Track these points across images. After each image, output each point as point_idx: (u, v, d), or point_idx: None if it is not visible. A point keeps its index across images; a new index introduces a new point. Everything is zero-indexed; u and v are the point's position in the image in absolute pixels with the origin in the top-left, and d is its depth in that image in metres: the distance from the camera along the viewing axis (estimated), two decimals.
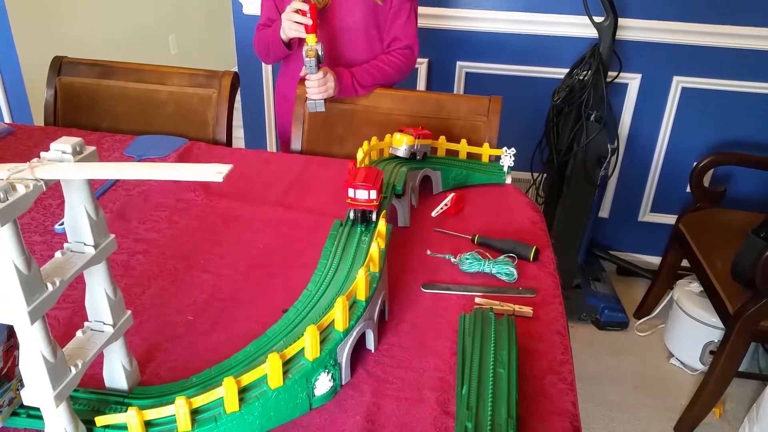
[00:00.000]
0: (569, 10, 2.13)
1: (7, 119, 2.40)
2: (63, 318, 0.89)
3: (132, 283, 0.97)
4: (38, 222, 1.12)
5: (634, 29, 2.12)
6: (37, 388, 0.61)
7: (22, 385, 0.69)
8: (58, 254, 0.65)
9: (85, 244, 0.66)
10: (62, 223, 1.10)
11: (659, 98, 2.25)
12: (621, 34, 2.10)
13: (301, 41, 1.52)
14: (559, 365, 0.84)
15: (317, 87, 1.51)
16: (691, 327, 2.01)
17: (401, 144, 1.23)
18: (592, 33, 2.05)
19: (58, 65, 1.67)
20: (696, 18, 2.09)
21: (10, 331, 0.68)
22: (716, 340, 1.94)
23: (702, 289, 1.94)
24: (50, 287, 0.59)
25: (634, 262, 2.51)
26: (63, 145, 0.61)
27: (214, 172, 0.56)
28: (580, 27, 2.12)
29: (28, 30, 2.72)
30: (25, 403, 0.62)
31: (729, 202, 2.21)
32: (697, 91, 2.21)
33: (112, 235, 0.69)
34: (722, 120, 2.25)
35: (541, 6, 2.15)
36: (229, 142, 1.65)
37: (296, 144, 1.64)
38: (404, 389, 0.79)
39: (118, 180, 1.28)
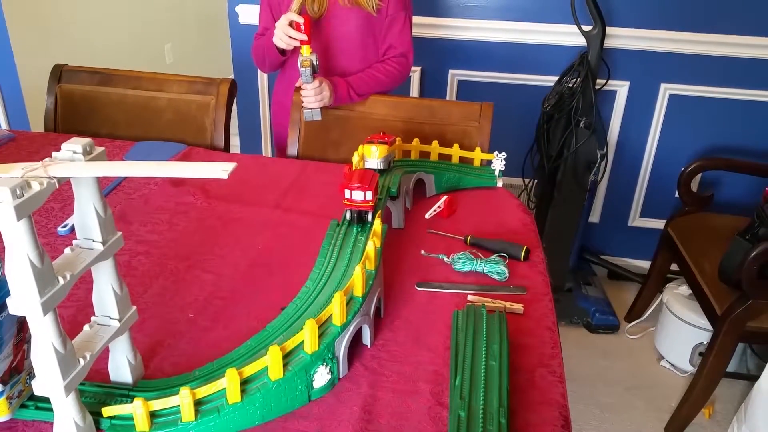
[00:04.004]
0: (558, 20, 2.18)
1: (4, 127, 2.42)
2: (68, 316, 0.91)
3: (134, 283, 1.00)
4: (41, 225, 1.15)
5: (621, 38, 2.17)
6: (47, 378, 0.64)
7: (31, 378, 0.72)
8: (67, 250, 0.67)
9: (93, 241, 0.68)
10: (65, 225, 1.13)
11: (647, 105, 2.29)
12: (609, 43, 2.15)
13: (296, 48, 1.56)
14: (549, 359, 0.87)
15: (313, 96, 1.55)
16: (680, 329, 2.05)
17: (377, 156, 1.17)
18: (581, 41, 2.10)
19: (59, 73, 1.70)
20: (683, 27, 2.14)
21: (20, 326, 0.71)
22: (705, 342, 1.98)
23: (691, 291, 1.98)
24: (61, 280, 0.62)
25: (625, 266, 2.55)
26: (74, 146, 0.64)
27: (219, 169, 0.59)
28: (568, 36, 2.17)
29: (25, 39, 2.74)
30: (36, 393, 0.65)
31: (716, 207, 2.26)
32: (684, 98, 2.26)
33: (119, 233, 0.72)
34: (709, 126, 2.30)
35: (531, 15, 2.20)
36: (226, 148, 1.69)
37: (292, 149, 1.67)
38: (400, 382, 0.82)
39: (119, 183, 1.31)
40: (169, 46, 4.00)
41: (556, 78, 2.15)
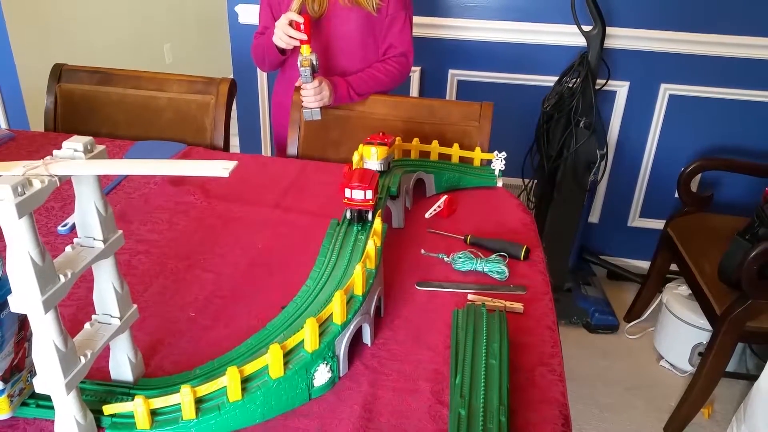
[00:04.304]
0: (558, 20, 2.18)
1: (4, 126, 2.42)
2: (68, 315, 0.91)
3: (134, 282, 1.00)
4: (41, 224, 1.15)
5: (621, 38, 2.17)
6: (48, 376, 0.64)
7: (32, 376, 0.72)
8: (68, 248, 0.67)
9: (94, 239, 0.68)
10: (65, 225, 1.13)
11: (647, 105, 2.30)
12: (609, 43, 2.15)
13: (296, 48, 1.56)
14: (549, 358, 0.88)
15: (313, 96, 1.55)
16: (680, 329, 2.05)
17: (376, 158, 1.16)
18: (581, 42, 2.10)
19: (59, 72, 1.70)
20: (683, 27, 2.14)
21: (21, 324, 0.71)
22: (704, 342, 1.98)
23: (690, 292, 1.98)
24: (62, 278, 0.62)
25: (624, 267, 2.55)
26: (75, 144, 0.64)
27: (220, 167, 0.59)
28: (569, 36, 2.17)
29: (25, 39, 2.75)
30: (37, 390, 0.65)
31: (716, 207, 2.26)
32: (684, 98, 2.26)
33: (120, 231, 0.72)
34: (709, 126, 2.30)
35: (531, 15, 2.20)
36: (226, 148, 1.69)
37: (292, 149, 1.67)
38: (400, 380, 0.82)
39: (119, 183, 1.31)
40: (168, 46, 4.00)
41: (556, 78, 2.16)
